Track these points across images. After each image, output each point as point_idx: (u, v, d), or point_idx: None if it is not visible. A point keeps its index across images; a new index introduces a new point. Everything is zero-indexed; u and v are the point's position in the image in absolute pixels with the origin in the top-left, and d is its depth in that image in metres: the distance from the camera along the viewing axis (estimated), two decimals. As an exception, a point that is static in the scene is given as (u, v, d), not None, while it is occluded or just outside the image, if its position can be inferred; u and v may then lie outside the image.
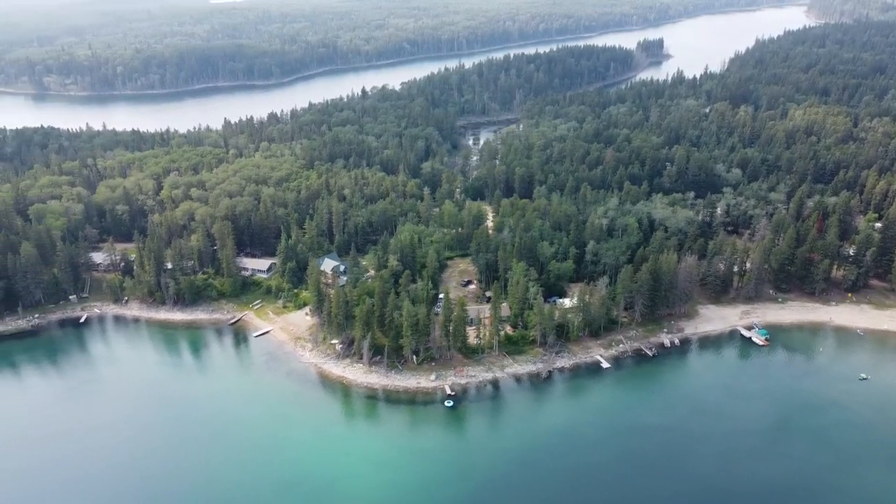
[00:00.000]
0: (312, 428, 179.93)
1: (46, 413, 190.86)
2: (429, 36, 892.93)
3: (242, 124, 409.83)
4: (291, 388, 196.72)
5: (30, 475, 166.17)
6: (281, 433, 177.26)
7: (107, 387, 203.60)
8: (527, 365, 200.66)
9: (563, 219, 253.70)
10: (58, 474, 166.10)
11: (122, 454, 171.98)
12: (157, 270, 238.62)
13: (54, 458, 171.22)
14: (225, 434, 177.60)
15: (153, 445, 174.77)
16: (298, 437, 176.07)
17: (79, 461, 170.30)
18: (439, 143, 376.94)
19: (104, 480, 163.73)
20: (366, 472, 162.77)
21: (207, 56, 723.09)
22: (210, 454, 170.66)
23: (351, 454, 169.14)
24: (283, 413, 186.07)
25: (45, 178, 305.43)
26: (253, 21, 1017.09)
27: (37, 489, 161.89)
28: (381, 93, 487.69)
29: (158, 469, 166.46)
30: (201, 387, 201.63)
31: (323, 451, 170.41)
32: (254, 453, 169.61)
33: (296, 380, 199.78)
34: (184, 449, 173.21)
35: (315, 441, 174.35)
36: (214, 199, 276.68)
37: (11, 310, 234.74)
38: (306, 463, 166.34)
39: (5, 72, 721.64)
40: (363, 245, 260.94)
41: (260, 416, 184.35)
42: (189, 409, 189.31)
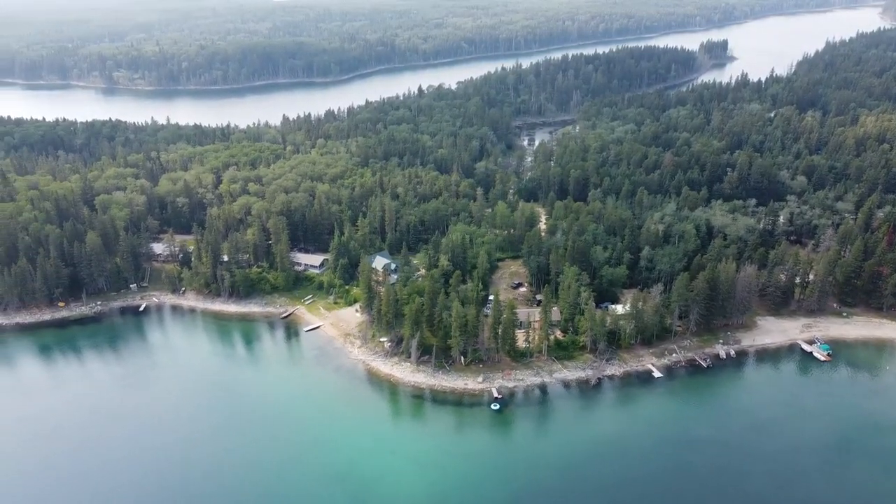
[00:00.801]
0: (359, 424, 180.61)
1: (105, 396, 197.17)
2: (487, 35, 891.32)
3: (300, 121, 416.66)
4: (340, 383, 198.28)
5: (88, 453, 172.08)
6: (328, 428, 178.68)
7: (162, 374, 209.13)
8: (576, 371, 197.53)
9: (617, 223, 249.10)
10: (113, 454, 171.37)
11: (173, 439, 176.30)
12: (213, 263, 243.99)
13: (112, 438, 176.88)
14: (273, 425, 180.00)
15: (203, 432, 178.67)
16: (345, 432, 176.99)
17: (133, 443, 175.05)
18: (494, 143, 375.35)
19: (155, 463, 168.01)
20: (410, 470, 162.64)
21: (269, 53, 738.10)
22: (258, 444, 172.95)
23: (396, 452, 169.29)
24: (331, 408, 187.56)
25: (111, 169, 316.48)
26: (314, 19, 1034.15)
27: (94, 466, 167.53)
28: (437, 92, 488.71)
29: (207, 455, 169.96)
30: (252, 378, 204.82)
31: (368, 448, 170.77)
32: (301, 446, 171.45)
33: (344, 376, 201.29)
34: (233, 437, 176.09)
35: (361, 437, 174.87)
36: (271, 195, 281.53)
37: (76, 296, 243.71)
38: (351, 458, 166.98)
39: (78, 66, 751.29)
40: (415, 244, 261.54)
41: (308, 410, 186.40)
42: (239, 400, 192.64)
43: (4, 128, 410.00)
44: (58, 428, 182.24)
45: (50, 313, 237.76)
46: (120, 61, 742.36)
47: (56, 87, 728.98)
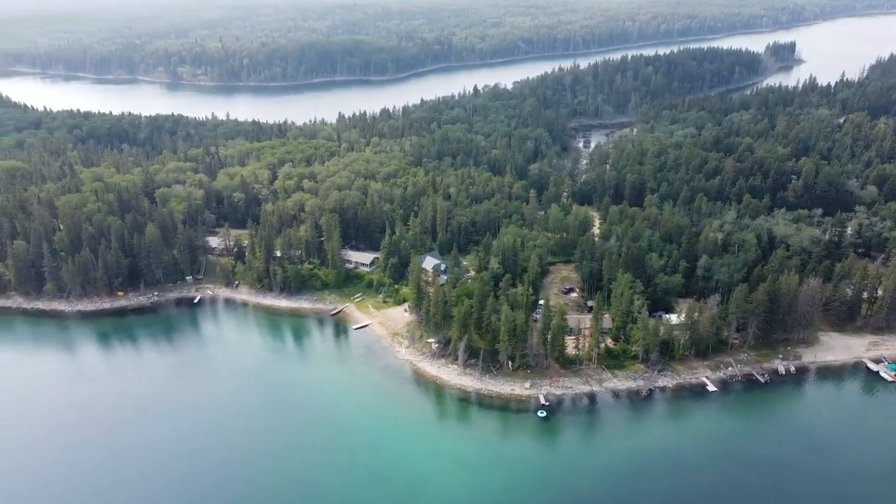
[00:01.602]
0: (404, 425, 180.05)
1: (158, 385, 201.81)
2: (544, 35, 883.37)
3: (355, 119, 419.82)
4: (386, 383, 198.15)
5: (138, 440, 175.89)
6: (373, 426, 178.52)
7: (213, 365, 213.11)
8: (626, 381, 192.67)
9: (674, 230, 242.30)
10: (161, 442, 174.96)
11: (219, 430, 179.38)
12: (266, 258, 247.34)
13: (162, 426, 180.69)
14: (319, 421, 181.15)
15: (250, 425, 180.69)
16: (390, 432, 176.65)
17: (180, 433, 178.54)
18: (549, 144, 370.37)
19: (201, 453, 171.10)
20: (453, 473, 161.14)
21: (327, 51, 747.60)
22: (303, 440, 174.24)
23: (440, 455, 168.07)
24: (377, 407, 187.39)
25: (171, 163, 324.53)
26: (372, 17, 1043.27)
27: (142, 453, 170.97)
28: (493, 92, 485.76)
29: (251, 448, 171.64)
30: (300, 373, 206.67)
31: (412, 449, 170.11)
32: (345, 443, 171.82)
33: (391, 375, 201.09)
34: (278, 432, 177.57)
35: (406, 438, 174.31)
36: (324, 192, 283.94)
37: (135, 286, 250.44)
38: (395, 458, 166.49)
39: (145, 62, 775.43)
40: (465, 245, 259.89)
41: (354, 408, 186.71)
42: (287, 394, 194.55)
43: (74, 121, 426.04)
44: (112, 414, 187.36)
45: (109, 302, 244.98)
46: (184, 57, 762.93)
47: (124, 81, 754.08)
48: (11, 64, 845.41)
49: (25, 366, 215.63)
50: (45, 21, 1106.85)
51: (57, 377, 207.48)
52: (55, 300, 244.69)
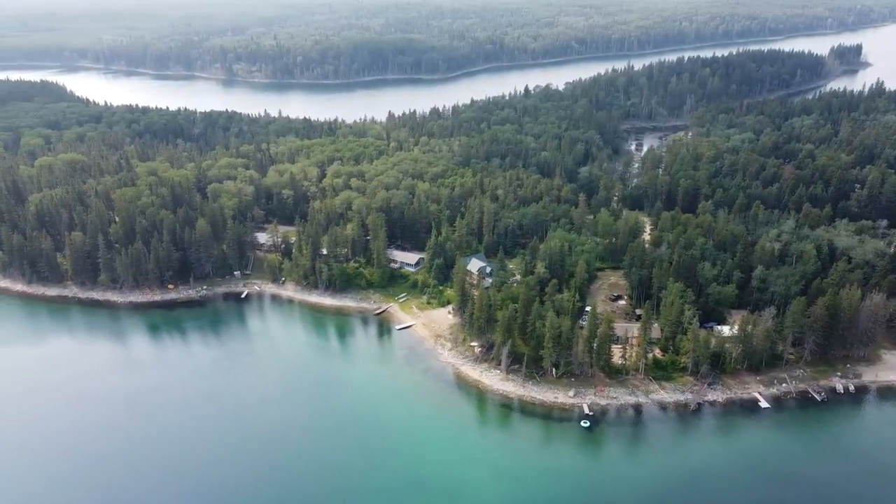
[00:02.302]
0: (444, 429, 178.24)
1: (203, 377, 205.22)
2: (598, 35, 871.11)
3: (405, 118, 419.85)
4: (427, 385, 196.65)
5: (181, 431, 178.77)
6: (413, 429, 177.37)
7: (258, 360, 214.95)
8: (674, 393, 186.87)
9: (729, 238, 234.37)
10: (203, 434, 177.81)
11: (261, 424, 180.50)
12: (313, 255, 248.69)
13: (204, 419, 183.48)
14: (359, 421, 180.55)
15: (290, 421, 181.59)
16: (429, 436, 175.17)
17: (222, 426, 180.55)
18: (600, 147, 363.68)
19: (240, 448, 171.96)
20: (492, 482, 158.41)
21: (379, 49, 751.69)
22: (342, 438, 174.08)
23: (480, 462, 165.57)
24: (417, 409, 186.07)
25: (223, 159, 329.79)
26: (425, 16, 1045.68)
27: (184, 443, 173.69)
28: (544, 92, 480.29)
29: (290, 445, 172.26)
30: (342, 372, 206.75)
31: (452, 454, 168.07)
32: (385, 445, 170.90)
33: (432, 378, 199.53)
34: (317, 431, 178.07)
35: (445, 443, 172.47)
36: (372, 191, 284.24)
37: (184, 280, 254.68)
38: (434, 463, 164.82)
39: (202, 58, 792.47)
40: (512, 248, 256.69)
41: (395, 410, 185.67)
42: (329, 392, 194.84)
43: (132, 115, 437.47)
44: (157, 404, 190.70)
45: (160, 294, 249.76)
46: (240, 54, 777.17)
47: (181, 77, 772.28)
48: (77, 59, 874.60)
49: (78, 353, 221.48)
50: (109, 18, 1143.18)
51: (107, 366, 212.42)
52: (108, 291, 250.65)
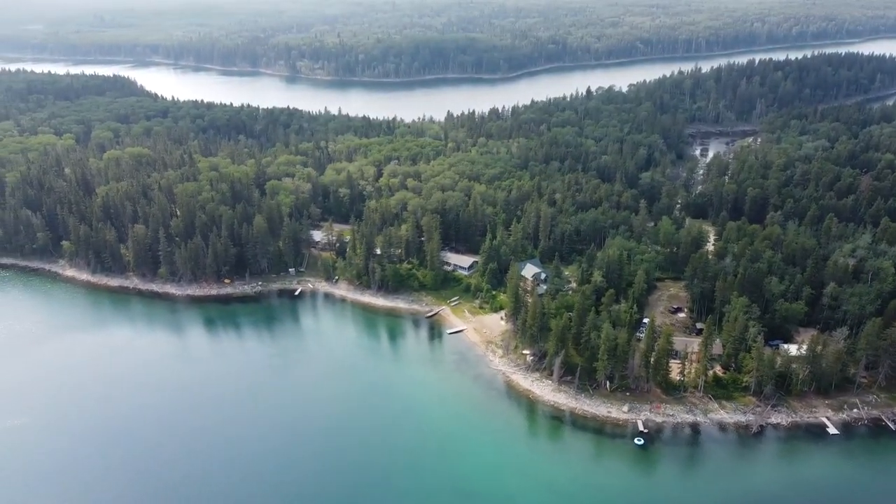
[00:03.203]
0: (492, 439, 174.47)
1: (256, 373, 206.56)
2: (665, 35, 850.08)
3: (463, 118, 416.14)
4: (477, 393, 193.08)
5: (232, 424, 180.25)
6: (461, 436, 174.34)
7: (309, 358, 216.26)
8: (735, 414, 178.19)
9: (798, 252, 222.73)
10: (252, 429, 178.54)
11: (309, 422, 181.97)
12: (366, 255, 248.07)
13: (256, 414, 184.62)
14: (406, 424, 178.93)
15: (337, 421, 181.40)
16: (477, 444, 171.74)
17: (273, 422, 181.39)
18: (663, 152, 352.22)
19: (287, 442, 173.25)
20: (540, 496, 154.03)
21: (440, 48, 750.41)
22: (389, 441, 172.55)
23: (527, 474, 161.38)
24: (466, 417, 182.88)
25: (283, 156, 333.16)
26: (488, 15, 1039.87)
27: (233, 437, 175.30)
28: (607, 94, 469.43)
29: (336, 446, 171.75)
30: (391, 374, 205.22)
31: (500, 466, 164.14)
32: (430, 451, 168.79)
33: (482, 385, 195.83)
34: (366, 430, 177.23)
35: (493, 453, 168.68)
36: (427, 192, 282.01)
37: (240, 275, 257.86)
38: (480, 472, 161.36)
39: (267, 55, 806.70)
40: (568, 254, 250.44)
41: (443, 415, 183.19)
42: (378, 394, 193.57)
43: (197, 111, 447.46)
44: (210, 398, 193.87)
45: (216, 289, 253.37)
46: (304, 51, 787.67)
47: (246, 73, 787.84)
48: (149, 55, 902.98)
49: (138, 343, 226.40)
50: (181, 14, 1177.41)
51: (163, 357, 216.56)
52: (167, 283, 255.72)
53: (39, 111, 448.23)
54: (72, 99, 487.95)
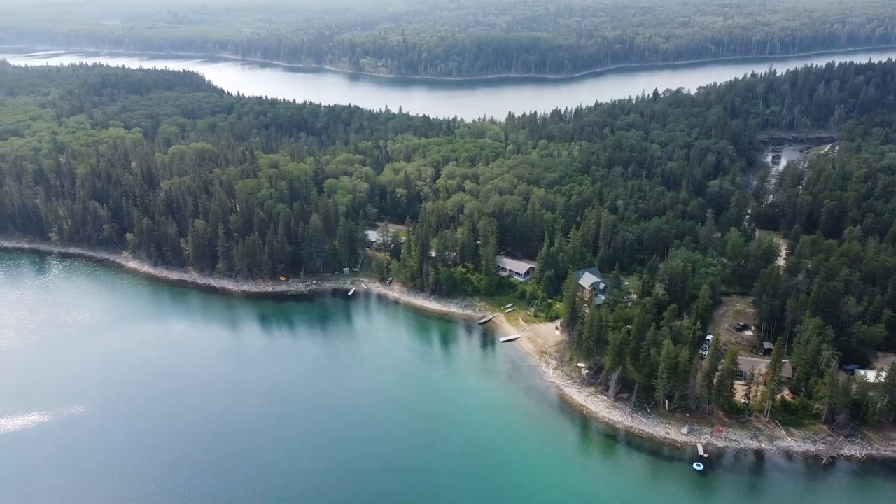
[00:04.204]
0: (543, 454, 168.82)
1: (307, 372, 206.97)
2: (737, 36, 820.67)
3: (525, 119, 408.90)
4: (528, 405, 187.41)
5: (283, 423, 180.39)
6: (509, 450, 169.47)
7: (361, 360, 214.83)
8: (803, 442, 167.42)
9: (879, 271, 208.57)
10: (300, 426, 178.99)
11: (357, 424, 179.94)
12: (421, 257, 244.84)
13: (304, 414, 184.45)
14: (454, 433, 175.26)
15: (386, 425, 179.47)
16: (526, 459, 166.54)
17: (319, 423, 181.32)
18: (733, 159, 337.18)
19: (333, 443, 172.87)
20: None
21: (504, 47, 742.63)
22: (434, 450, 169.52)
23: (577, 493, 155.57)
24: (516, 429, 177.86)
25: (342, 154, 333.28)
26: (553, 13, 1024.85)
27: (284, 435, 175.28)
28: (674, 97, 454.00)
29: (383, 446, 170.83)
30: (441, 381, 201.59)
31: (549, 483, 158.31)
32: (478, 463, 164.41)
33: (534, 397, 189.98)
34: (413, 435, 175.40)
35: (543, 469, 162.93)
36: (485, 194, 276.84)
37: (295, 273, 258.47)
38: (529, 490, 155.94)
39: (332, 52, 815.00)
40: (629, 264, 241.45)
41: (492, 426, 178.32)
42: (425, 400, 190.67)
43: (261, 107, 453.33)
44: (261, 395, 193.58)
45: (271, 286, 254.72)
46: (367, 49, 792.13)
47: (311, 70, 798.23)
48: (218, 50, 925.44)
49: (193, 338, 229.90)
50: (250, 11, 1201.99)
51: (217, 353, 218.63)
52: (224, 279, 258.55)
53: (111, 105, 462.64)
54: (142, 93, 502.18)
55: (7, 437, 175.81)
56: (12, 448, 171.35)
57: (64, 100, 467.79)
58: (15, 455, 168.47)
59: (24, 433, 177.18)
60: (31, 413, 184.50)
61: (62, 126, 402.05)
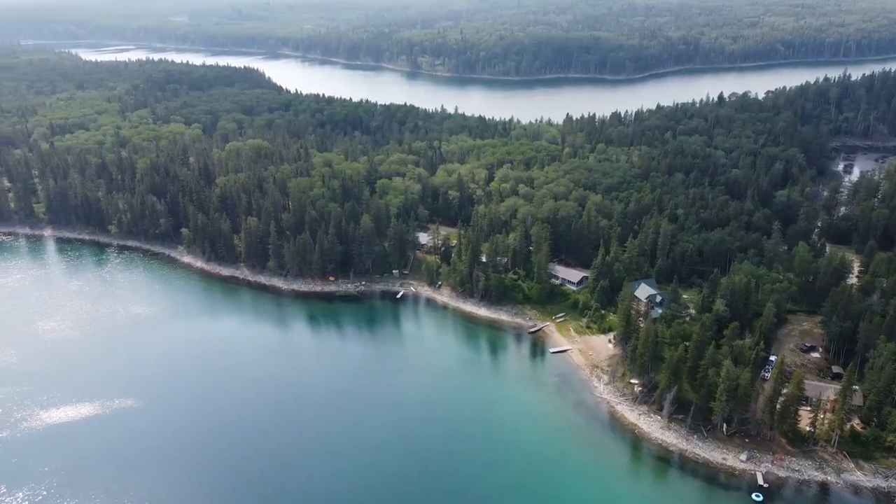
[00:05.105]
0: (591, 473, 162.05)
1: (353, 374, 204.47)
2: (809, 38, 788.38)
3: (583, 121, 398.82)
4: (577, 420, 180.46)
5: (330, 424, 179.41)
6: (555, 466, 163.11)
7: (407, 364, 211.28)
8: (874, 477, 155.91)
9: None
10: (344, 429, 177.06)
11: (403, 430, 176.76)
12: (471, 262, 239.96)
13: (349, 417, 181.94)
14: (498, 446, 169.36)
15: (429, 430, 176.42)
16: (574, 478, 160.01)
17: (363, 426, 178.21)
18: (802, 167, 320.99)
19: (378, 447, 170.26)
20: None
21: (563, 46, 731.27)
22: (477, 460, 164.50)
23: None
24: (563, 445, 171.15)
25: (395, 154, 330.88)
26: (615, 13, 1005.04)
27: (327, 436, 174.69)
28: (741, 101, 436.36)
29: (428, 453, 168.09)
30: (488, 390, 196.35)
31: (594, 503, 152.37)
32: (523, 478, 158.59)
33: (583, 413, 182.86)
34: (455, 443, 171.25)
35: (591, 489, 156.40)
36: (539, 199, 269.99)
37: (345, 273, 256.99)
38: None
39: (390, 50, 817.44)
40: (688, 276, 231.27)
41: (538, 441, 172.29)
42: (471, 408, 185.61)
43: (317, 105, 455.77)
44: (306, 397, 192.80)
45: (321, 286, 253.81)
46: (425, 47, 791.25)
47: (369, 68, 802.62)
48: (279, 47, 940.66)
49: (242, 335, 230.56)
50: (312, 8, 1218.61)
51: (265, 351, 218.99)
52: (275, 277, 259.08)
53: (173, 100, 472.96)
54: (203, 89, 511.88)
55: (60, 427, 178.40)
56: (64, 440, 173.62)
57: (129, 94, 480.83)
58: (65, 447, 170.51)
59: (76, 425, 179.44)
60: (84, 404, 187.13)
61: (125, 120, 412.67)
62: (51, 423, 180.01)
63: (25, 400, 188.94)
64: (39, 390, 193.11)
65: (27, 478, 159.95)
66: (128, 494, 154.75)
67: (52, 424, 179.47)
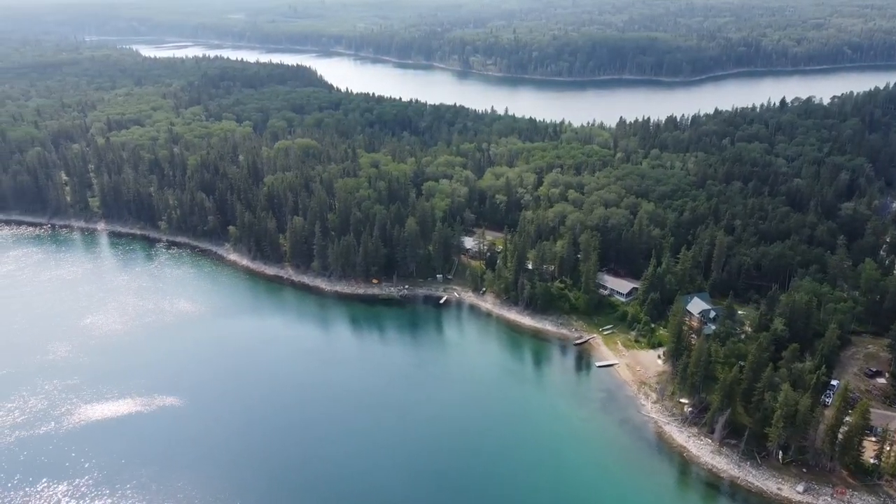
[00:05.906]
0: (636, 498, 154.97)
1: (393, 380, 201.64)
2: (879, 40, 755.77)
3: (636, 125, 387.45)
4: (623, 440, 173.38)
5: (368, 429, 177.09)
6: (598, 487, 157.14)
7: (448, 372, 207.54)
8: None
9: None
10: (381, 434, 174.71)
11: (441, 440, 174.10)
12: (517, 269, 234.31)
13: (386, 423, 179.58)
14: (539, 463, 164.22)
15: (466, 441, 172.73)
16: (615, 499, 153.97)
17: (401, 433, 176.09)
18: (870, 178, 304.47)
19: (415, 455, 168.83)
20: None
21: (618, 47, 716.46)
22: (517, 476, 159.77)
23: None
24: (606, 466, 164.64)
25: (443, 156, 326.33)
26: (673, 13, 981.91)
27: (364, 440, 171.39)
28: (804, 106, 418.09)
29: (461, 463, 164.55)
30: (530, 402, 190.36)
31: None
32: (563, 497, 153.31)
33: (629, 432, 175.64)
34: (494, 457, 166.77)
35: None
36: (589, 206, 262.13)
37: (388, 277, 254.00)
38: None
39: (442, 49, 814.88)
40: (744, 292, 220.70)
41: (580, 459, 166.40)
42: (511, 422, 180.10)
43: (367, 104, 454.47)
44: (346, 402, 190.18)
45: (363, 288, 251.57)
46: (477, 47, 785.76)
47: (420, 67, 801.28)
48: (332, 45, 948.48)
49: (285, 335, 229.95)
50: (366, 6, 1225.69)
51: (307, 352, 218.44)
52: (318, 277, 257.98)
53: (226, 98, 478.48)
54: (256, 87, 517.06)
55: (103, 423, 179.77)
56: (106, 436, 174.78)
57: (184, 91, 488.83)
58: (107, 443, 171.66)
59: (119, 421, 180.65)
60: (127, 400, 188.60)
61: (179, 117, 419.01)
62: (94, 418, 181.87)
63: (71, 394, 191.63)
64: (85, 384, 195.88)
65: (68, 472, 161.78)
66: (165, 495, 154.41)
67: (96, 420, 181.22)
